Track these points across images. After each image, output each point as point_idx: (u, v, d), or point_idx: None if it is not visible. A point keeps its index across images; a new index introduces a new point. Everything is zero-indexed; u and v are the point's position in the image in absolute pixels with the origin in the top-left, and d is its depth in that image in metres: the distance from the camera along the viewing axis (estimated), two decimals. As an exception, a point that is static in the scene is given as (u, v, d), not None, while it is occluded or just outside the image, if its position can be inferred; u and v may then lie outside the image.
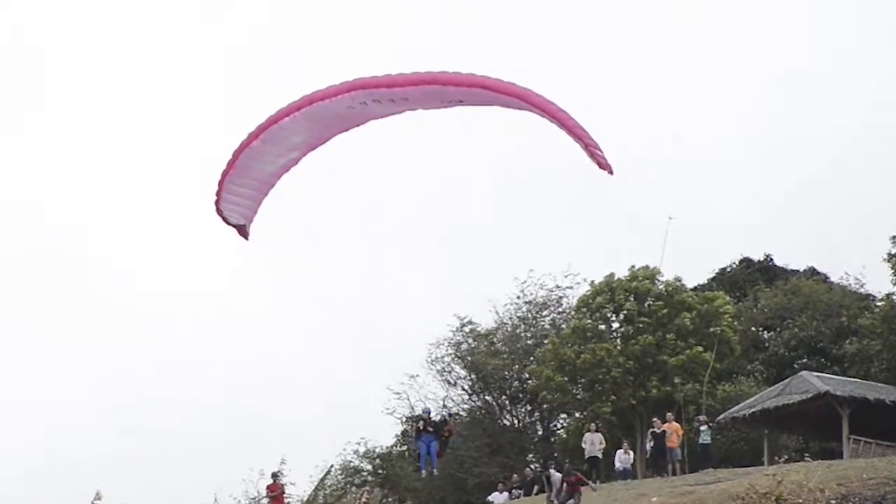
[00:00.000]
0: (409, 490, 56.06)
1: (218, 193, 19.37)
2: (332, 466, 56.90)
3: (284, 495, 45.02)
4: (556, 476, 38.97)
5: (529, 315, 59.20)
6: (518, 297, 59.02)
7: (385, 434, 63.16)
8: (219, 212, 19.85)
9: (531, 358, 56.75)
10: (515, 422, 59.13)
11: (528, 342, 57.99)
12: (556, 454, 53.97)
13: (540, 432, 58.59)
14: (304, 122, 18.43)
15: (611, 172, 15.81)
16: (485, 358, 57.60)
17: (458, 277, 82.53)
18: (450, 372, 59.46)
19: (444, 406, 24.85)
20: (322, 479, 54.86)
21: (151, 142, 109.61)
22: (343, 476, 58.25)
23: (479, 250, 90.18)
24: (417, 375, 59.36)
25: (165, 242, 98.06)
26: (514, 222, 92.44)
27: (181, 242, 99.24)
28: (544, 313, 59.31)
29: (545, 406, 56.86)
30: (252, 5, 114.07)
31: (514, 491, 46.30)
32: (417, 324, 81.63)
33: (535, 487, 45.69)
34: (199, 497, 60.61)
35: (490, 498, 47.09)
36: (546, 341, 55.52)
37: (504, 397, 58.96)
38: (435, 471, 30.61)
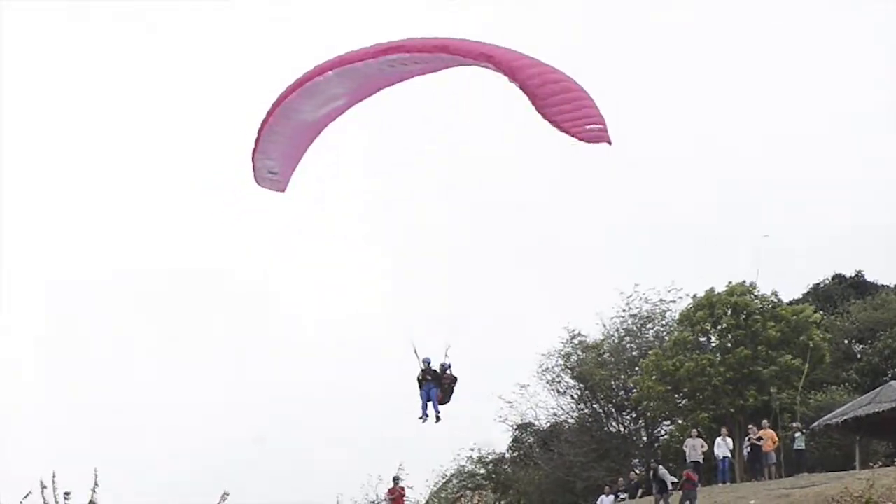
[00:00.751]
0: (522, 493, 57.58)
1: (256, 143, 20.58)
2: (452, 476, 59.01)
3: (404, 498, 45.39)
4: (666, 473, 40.66)
5: (634, 328, 59.72)
6: (624, 311, 59.53)
7: (497, 440, 63.09)
8: (254, 164, 21.02)
9: (636, 368, 57.14)
10: (621, 428, 59.49)
11: (633, 353, 58.51)
12: (659, 459, 52.36)
13: (644, 438, 58.66)
14: (337, 79, 19.47)
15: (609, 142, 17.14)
16: (592, 368, 58.31)
17: (568, 292, 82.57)
18: (559, 382, 60.30)
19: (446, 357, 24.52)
20: (443, 485, 57.18)
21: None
22: (458, 480, 59.53)
23: (588, 266, 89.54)
24: (528, 385, 60.27)
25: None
26: (622, 239, 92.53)
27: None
28: (648, 326, 59.71)
29: (649, 414, 57.24)
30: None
31: (619, 494, 47.33)
32: (528, 336, 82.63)
33: (640, 490, 47.23)
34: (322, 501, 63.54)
35: (598, 501, 47.58)
36: (650, 353, 55.85)
37: (610, 405, 59.47)
38: (439, 416, 29.18)
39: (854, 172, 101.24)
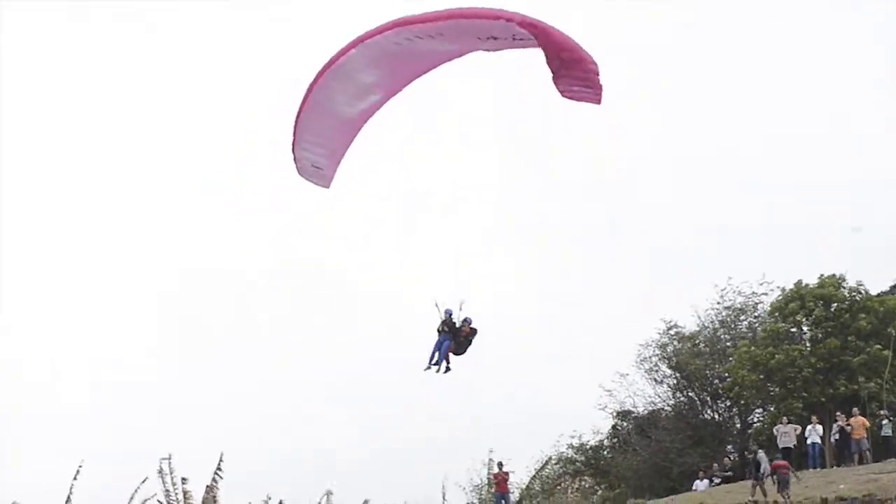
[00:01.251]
0: (620, 478, 57.81)
1: (294, 134, 20.26)
2: (549, 458, 59.10)
3: (507, 482, 47.50)
4: (764, 457, 41.27)
5: (728, 319, 60.04)
6: (718, 303, 59.98)
7: (597, 427, 63.31)
8: (294, 155, 20.80)
9: (730, 358, 57.52)
10: (716, 416, 59.76)
11: (727, 344, 58.88)
12: (752, 445, 52.78)
13: (738, 425, 58.79)
14: (363, 59, 19.08)
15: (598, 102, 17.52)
16: (688, 358, 58.84)
17: (665, 285, 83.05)
18: (657, 371, 60.68)
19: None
20: (540, 470, 57.01)
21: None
22: (558, 466, 60.21)
23: (683, 260, 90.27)
24: (627, 374, 60.95)
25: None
26: (715, 234, 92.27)
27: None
28: (741, 317, 59.94)
29: (742, 402, 57.35)
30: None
31: (714, 479, 48.21)
32: (627, 327, 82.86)
33: (734, 475, 48.54)
34: (429, 485, 65.14)
35: (693, 485, 48.83)
36: (742, 343, 56.64)
37: (705, 394, 59.74)
38: (449, 367, 29.45)
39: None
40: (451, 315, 28.76)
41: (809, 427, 46.65)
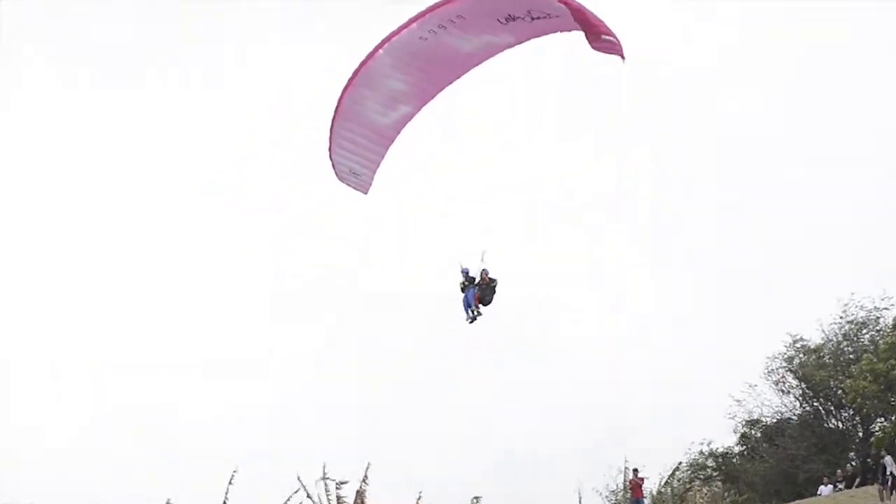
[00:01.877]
0: (748, 484, 58.24)
1: (330, 139, 19.92)
2: (680, 464, 59.04)
3: (642, 487, 48.45)
4: (891, 461, 41.91)
5: (851, 332, 60.09)
6: (841, 317, 60.15)
7: (726, 435, 63.47)
8: (331, 159, 20.50)
9: (852, 369, 56.83)
10: (839, 425, 59.73)
11: (850, 356, 58.68)
12: (873, 453, 53.26)
13: (860, 434, 58.60)
14: (390, 61, 18.71)
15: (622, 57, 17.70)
16: (813, 370, 59.23)
17: (791, 300, 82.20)
18: (783, 382, 61.12)
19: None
20: (671, 475, 57.33)
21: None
22: (690, 472, 60.41)
23: (808, 276, 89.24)
24: (756, 385, 61.42)
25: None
26: (839, 250, 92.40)
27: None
28: (864, 331, 59.91)
29: (864, 412, 56.82)
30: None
31: (837, 484, 48.72)
32: (755, 340, 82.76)
33: (857, 480, 48.95)
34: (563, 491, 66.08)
35: (817, 490, 49.50)
36: (865, 355, 56.05)
37: (829, 404, 59.78)
38: (479, 312, 28.86)
39: None
40: (467, 273, 28.92)
41: None
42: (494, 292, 28.87)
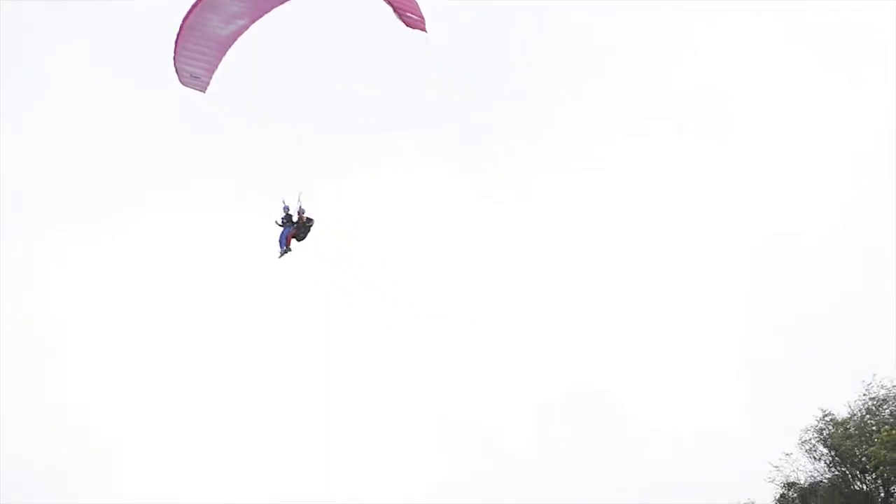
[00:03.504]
0: None
1: (175, 51, 21.64)
2: None
3: None
4: None
5: (873, 407, 61.21)
6: (864, 394, 61.69)
7: (767, 496, 65.06)
8: (176, 67, 22.20)
9: (874, 439, 57.92)
10: (864, 487, 60.47)
11: (873, 428, 59.49)
12: None
13: (882, 495, 59.49)
14: None
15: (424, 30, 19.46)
16: (840, 440, 60.38)
17: (820, 380, 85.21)
18: (815, 450, 62.38)
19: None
20: None
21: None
22: None
23: (836, 358, 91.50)
24: (791, 454, 63.26)
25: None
26: (861, 336, 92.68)
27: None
28: (884, 406, 60.83)
29: (885, 476, 58.25)
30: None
31: None
32: (789, 415, 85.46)
33: None
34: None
35: None
36: (884, 427, 57.53)
37: (855, 469, 60.66)
38: (289, 249, 29.86)
39: None
40: (287, 210, 30.22)
41: None
42: (309, 231, 30.03)
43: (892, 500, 58.10)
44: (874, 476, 60.08)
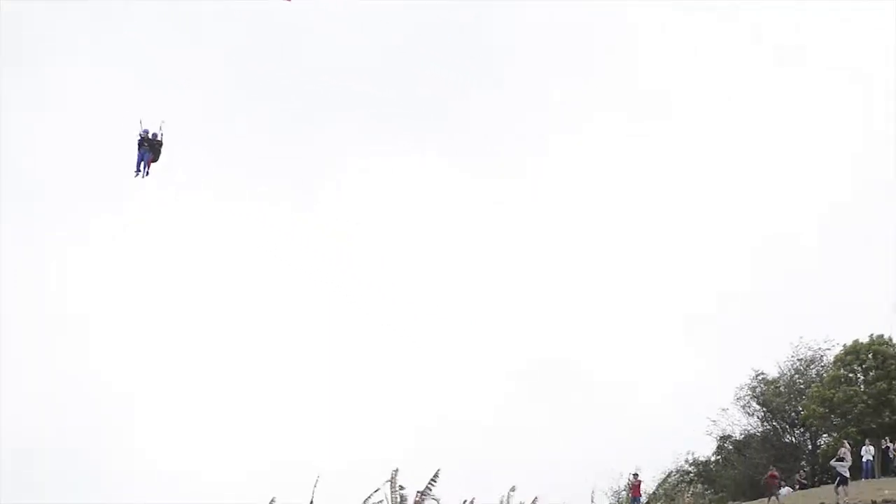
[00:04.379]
0: (722, 487, 61.08)
1: None
2: (671, 472, 61.32)
3: (640, 488, 50.89)
4: (838, 465, 43.71)
5: (801, 368, 63.34)
6: (793, 356, 63.67)
7: (706, 448, 66.73)
8: None
9: (802, 397, 60.25)
10: (793, 440, 62.71)
11: (801, 386, 61.88)
12: (820, 462, 57.15)
13: (809, 447, 61.30)
14: None
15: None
16: (772, 397, 62.37)
17: (753, 344, 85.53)
18: (749, 406, 64.17)
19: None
20: (664, 480, 58.23)
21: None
22: (678, 477, 62.11)
23: (767, 325, 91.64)
24: (727, 409, 64.79)
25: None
26: (789, 305, 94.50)
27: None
28: (811, 366, 62.93)
29: (812, 429, 60.28)
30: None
31: (795, 487, 51.50)
32: (726, 376, 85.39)
33: (807, 483, 51.63)
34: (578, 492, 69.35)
35: (779, 490, 49.28)
36: (812, 385, 59.39)
37: (785, 423, 62.79)
38: (148, 172, 30.14)
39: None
40: (147, 133, 30.47)
41: (864, 448, 49.52)
42: (160, 152, 30.45)
43: (818, 451, 59.50)
44: (802, 430, 62.10)
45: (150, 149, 30.60)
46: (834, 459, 46.64)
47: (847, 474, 43.68)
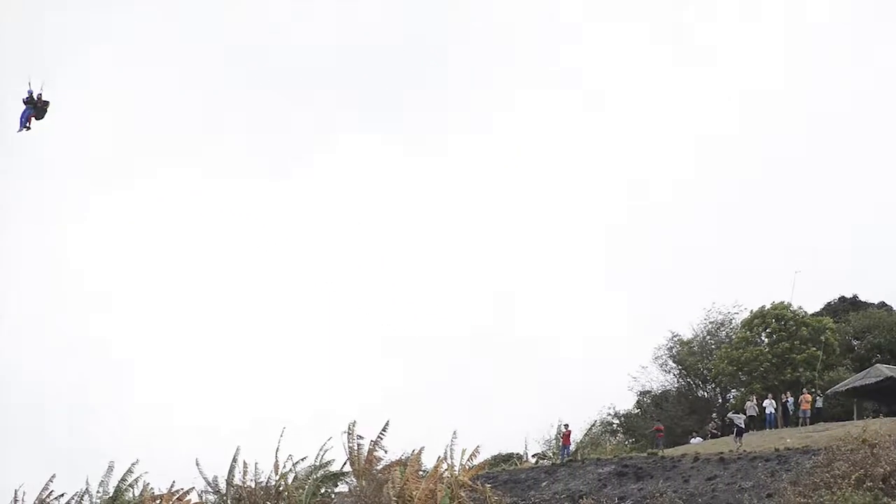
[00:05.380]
0: (642, 435, 61.33)
1: None
2: (595, 422, 63.58)
3: (569, 438, 51.77)
4: (735, 417, 46.27)
5: (713, 329, 65.66)
6: (705, 319, 66.19)
7: (627, 401, 69.31)
8: None
9: (713, 356, 61.93)
10: (705, 394, 65.01)
11: (712, 346, 63.85)
12: (730, 413, 54.69)
13: (720, 401, 63.32)
14: None
15: None
16: (686, 356, 64.80)
17: (671, 309, 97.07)
18: (666, 364, 66.60)
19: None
20: (589, 429, 60.22)
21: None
22: (602, 427, 64.32)
23: (684, 290, 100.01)
24: (646, 367, 67.37)
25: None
26: (702, 273, 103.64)
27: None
28: (721, 329, 65.22)
29: (722, 385, 62.59)
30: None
31: (706, 437, 52.58)
32: (645, 338, 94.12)
33: (718, 433, 52.30)
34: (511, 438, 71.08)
35: (690, 439, 52.92)
36: (722, 345, 61.55)
37: (698, 380, 65.01)
38: (30, 127, 29.69)
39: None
40: (30, 94, 30.15)
41: (767, 402, 51.85)
42: (45, 112, 30.01)
43: (727, 404, 61.23)
44: (713, 385, 64.67)
45: (34, 108, 30.61)
46: (731, 412, 50.32)
47: (742, 425, 45.60)
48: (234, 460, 43.88)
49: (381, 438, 42.04)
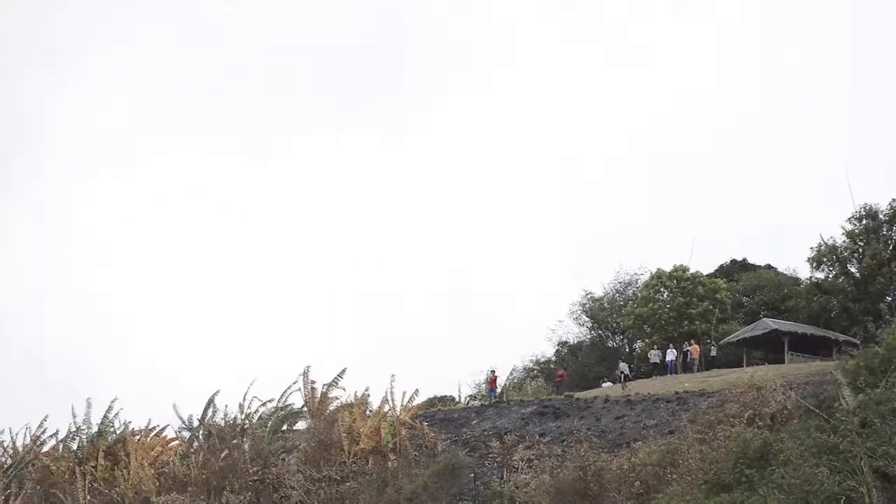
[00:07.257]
0: (549, 379, 62.24)
1: None
2: (515, 367, 66.30)
3: (496, 382, 54.00)
4: (625, 367, 50.17)
5: (621, 288, 66.63)
6: (614, 279, 67.39)
7: (546, 350, 70.10)
8: None
9: (622, 311, 62.69)
10: (614, 345, 65.65)
11: (621, 303, 64.54)
12: (634, 362, 59.66)
13: (627, 350, 63.84)
14: None
15: None
16: (597, 311, 65.87)
17: (584, 268, 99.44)
18: (580, 319, 67.58)
19: None
20: (510, 373, 62.71)
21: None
22: (524, 373, 66.66)
23: (595, 254, 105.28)
24: (563, 321, 68.39)
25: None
26: (612, 240, 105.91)
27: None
28: (629, 288, 66.09)
29: (629, 336, 63.56)
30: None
31: (614, 382, 52.78)
32: (562, 294, 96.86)
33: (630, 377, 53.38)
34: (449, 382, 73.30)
35: (601, 383, 53.90)
36: (629, 302, 62.63)
37: (608, 332, 65.94)
38: None
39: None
40: None
41: (668, 351, 54.01)
42: None
43: (633, 353, 63.15)
44: (621, 337, 65.96)
45: None
46: (621, 361, 53.67)
47: (628, 373, 49.41)
48: (209, 403, 45.43)
49: (336, 382, 43.12)
